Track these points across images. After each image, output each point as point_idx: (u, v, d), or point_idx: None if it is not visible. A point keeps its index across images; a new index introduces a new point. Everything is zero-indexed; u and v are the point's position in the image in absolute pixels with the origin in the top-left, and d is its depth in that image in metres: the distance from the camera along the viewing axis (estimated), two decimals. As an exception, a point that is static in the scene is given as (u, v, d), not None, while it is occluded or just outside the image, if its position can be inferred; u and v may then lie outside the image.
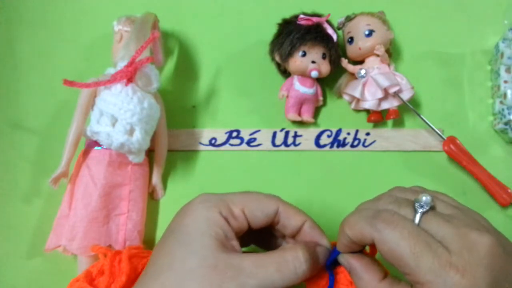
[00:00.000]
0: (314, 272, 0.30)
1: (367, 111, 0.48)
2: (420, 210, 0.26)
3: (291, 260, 0.28)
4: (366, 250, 0.32)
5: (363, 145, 0.47)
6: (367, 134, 0.48)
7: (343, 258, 0.30)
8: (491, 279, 0.23)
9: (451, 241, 0.24)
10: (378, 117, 0.46)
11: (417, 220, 0.26)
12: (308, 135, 0.48)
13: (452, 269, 0.23)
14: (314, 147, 0.47)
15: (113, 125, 0.39)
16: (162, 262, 0.28)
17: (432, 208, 0.27)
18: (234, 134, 0.48)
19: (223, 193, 0.31)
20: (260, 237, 0.34)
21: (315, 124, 0.48)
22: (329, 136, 0.48)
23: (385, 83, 0.44)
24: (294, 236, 0.32)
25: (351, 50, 0.47)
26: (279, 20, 0.46)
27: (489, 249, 0.24)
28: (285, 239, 0.34)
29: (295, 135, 0.48)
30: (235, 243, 0.29)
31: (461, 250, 0.24)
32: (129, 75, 0.39)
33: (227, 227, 0.28)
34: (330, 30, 0.45)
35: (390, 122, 0.48)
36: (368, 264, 0.29)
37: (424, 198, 0.26)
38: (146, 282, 0.27)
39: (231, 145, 0.47)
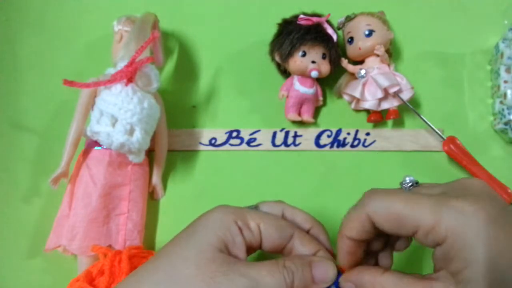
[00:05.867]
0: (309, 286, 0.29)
1: (367, 111, 0.48)
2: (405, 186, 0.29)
3: (280, 267, 0.28)
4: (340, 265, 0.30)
5: (363, 145, 0.47)
6: (367, 134, 0.48)
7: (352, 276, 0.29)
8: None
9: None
10: (378, 117, 0.46)
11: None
12: (308, 135, 0.48)
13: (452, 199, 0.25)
14: (314, 147, 0.47)
15: (113, 125, 0.39)
16: (163, 248, 0.29)
17: (417, 183, 0.29)
18: (234, 134, 0.48)
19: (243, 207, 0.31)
20: None
21: (315, 124, 0.48)
22: (329, 136, 0.48)
23: (385, 83, 0.44)
24: None
25: (351, 50, 0.47)
26: (279, 20, 0.46)
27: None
28: None
29: (295, 135, 0.48)
30: (242, 254, 0.29)
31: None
32: (129, 75, 0.39)
33: (237, 234, 0.29)
34: (330, 30, 0.45)
35: (390, 122, 0.48)
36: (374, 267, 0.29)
37: (407, 178, 0.29)
38: (144, 265, 0.28)
39: (231, 145, 0.47)
